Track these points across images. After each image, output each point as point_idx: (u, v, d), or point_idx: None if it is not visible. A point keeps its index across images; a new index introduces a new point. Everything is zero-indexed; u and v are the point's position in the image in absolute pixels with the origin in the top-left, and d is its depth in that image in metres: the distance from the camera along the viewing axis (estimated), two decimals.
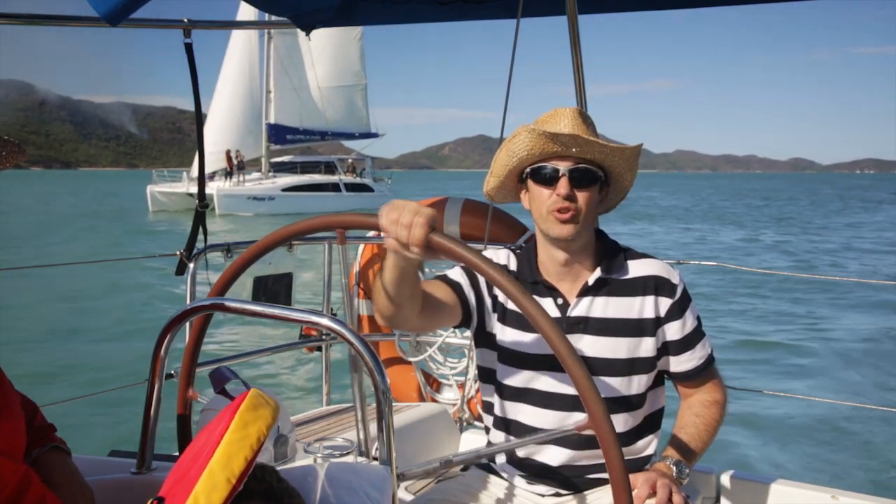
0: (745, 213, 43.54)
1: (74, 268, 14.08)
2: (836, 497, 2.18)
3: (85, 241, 23.86)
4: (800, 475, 2.56)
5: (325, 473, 1.36)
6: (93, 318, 12.22)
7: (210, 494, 1.04)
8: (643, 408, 1.82)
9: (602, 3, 3.29)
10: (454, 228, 3.42)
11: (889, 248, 23.50)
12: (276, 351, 3.36)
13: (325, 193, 37.81)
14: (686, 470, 1.72)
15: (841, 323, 11.31)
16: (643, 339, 1.78)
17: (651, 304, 1.78)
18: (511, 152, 1.76)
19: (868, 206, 52.82)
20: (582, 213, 1.72)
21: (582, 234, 1.76)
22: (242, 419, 1.12)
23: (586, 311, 1.78)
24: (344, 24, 3.42)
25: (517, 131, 1.74)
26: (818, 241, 25.78)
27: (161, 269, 15.99)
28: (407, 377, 3.62)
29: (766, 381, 8.03)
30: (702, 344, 1.82)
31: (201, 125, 3.31)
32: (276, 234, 1.50)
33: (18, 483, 1.28)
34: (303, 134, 42.66)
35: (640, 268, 1.82)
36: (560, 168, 1.71)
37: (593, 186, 1.74)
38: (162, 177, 41.05)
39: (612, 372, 1.76)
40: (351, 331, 1.33)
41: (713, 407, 1.82)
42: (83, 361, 9.24)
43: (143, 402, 1.60)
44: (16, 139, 1.41)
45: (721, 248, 23.15)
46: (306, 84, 42.75)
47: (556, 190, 1.71)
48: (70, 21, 2.78)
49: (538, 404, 1.80)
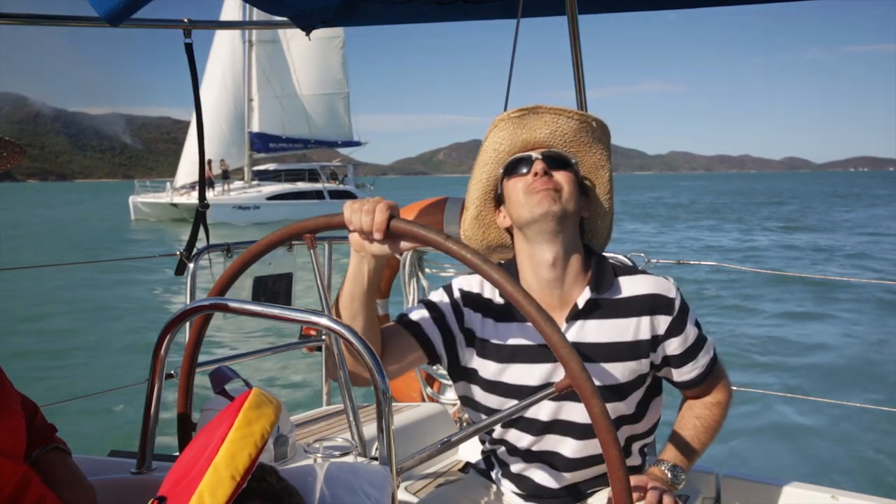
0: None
1: (73, 269, 14.08)
2: (836, 497, 2.18)
3: (59, 251, 23.44)
4: (800, 475, 2.56)
5: (324, 473, 1.36)
6: (93, 317, 12.23)
7: (215, 491, 1.04)
8: (640, 421, 1.76)
9: (602, 3, 3.29)
10: (454, 228, 3.42)
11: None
12: (276, 351, 3.36)
13: (310, 201, 37.78)
14: (682, 475, 1.70)
15: (841, 323, 11.30)
16: (640, 360, 1.69)
17: (647, 324, 1.68)
18: (485, 159, 1.75)
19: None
20: (564, 190, 1.65)
21: (568, 218, 1.66)
22: (246, 417, 1.12)
23: (577, 337, 1.66)
24: (344, 24, 3.42)
25: (486, 135, 1.74)
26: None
27: (155, 269, 16.01)
28: (407, 377, 3.62)
29: (765, 381, 8.04)
30: (704, 351, 1.74)
31: (201, 125, 3.32)
32: (277, 234, 1.51)
33: (18, 483, 1.28)
34: (286, 142, 42.81)
35: (633, 286, 1.70)
36: (532, 154, 1.69)
37: (570, 170, 1.68)
38: (144, 187, 41.20)
39: (609, 396, 1.65)
40: (351, 331, 1.33)
41: (715, 408, 1.79)
42: (83, 361, 9.25)
43: (143, 402, 1.60)
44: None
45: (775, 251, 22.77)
46: (289, 92, 42.91)
47: (532, 170, 1.66)
48: (70, 21, 2.78)
49: (530, 431, 1.73)
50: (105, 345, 10.34)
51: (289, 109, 42.87)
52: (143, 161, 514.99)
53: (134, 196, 38.45)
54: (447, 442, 1.55)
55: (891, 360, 9.12)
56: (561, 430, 1.70)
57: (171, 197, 37.33)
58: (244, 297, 2.98)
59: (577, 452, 1.70)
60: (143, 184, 42.50)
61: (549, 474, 1.76)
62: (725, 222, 35.47)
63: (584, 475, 1.75)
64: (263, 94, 42.55)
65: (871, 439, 6.28)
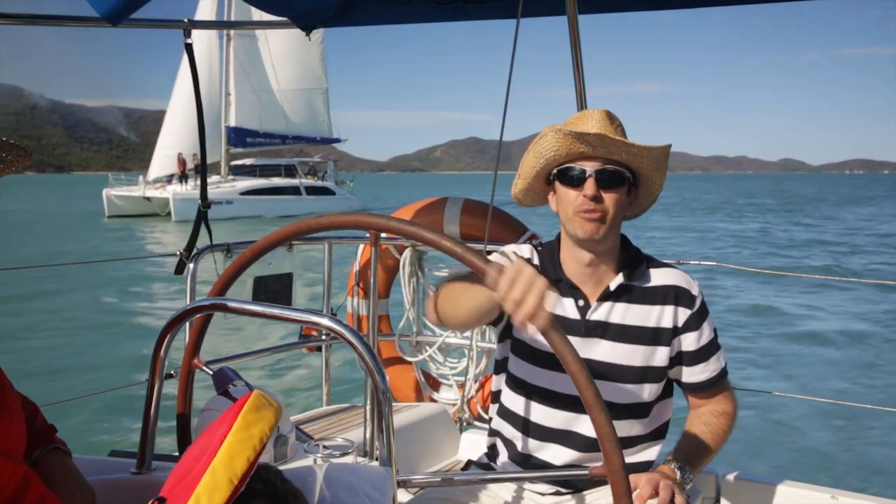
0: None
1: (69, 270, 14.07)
2: (835, 497, 2.18)
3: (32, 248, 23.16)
4: (800, 475, 2.56)
5: (324, 474, 1.36)
6: (91, 319, 12.22)
7: (212, 494, 1.04)
8: (650, 416, 1.81)
9: (602, 3, 3.29)
10: (454, 228, 3.42)
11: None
12: (276, 351, 3.36)
13: (284, 197, 37.43)
14: (690, 475, 1.71)
15: (842, 323, 11.30)
16: (658, 348, 1.77)
17: (670, 313, 1.78)
18: (538, 153, 1.74)
19: None
20: (609, 214, 1.71)
21: (608, 237, 1.74)
22: (245, 420, 1.12)
23: (606, 316, 1.77)
24: (344, 24, 3.42)
25: (544, 132, 1.73)
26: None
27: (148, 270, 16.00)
28: (407, 377, 3.62)
29: (766, 382, 8.04)
30: (716, 357, 1.81)
31: (202, 125, 3.32)
32: (277, 234, 1.50)
33: (18, 484, 1.28)
34: (263, 137, 42.35)
35: (661, 277, 1.81)
36: (587, 169, 1.70)
37: (621, 188, 1.72)
38: (119, 180, 40.79)
39: (625, 379, 1.76)
40: (351, 330, 1.32)
41: (722, 417, 1.82)
42: (83, 362, 9.24)
43: (143, 402, 1.60)
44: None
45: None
46: (266, 86, 42.49)
47: (583, 191, 1.69)
48: (70, 21, 2.78)
49: (545, 402, 1.80)
50: (104, 345, 10.34)
51: (267, 104, 42.47)
52: (139, 154, 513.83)
53: (108, 189, 37.77)
54: (449, 479, 1.57)
55: (891, 360, 9.12)
56: (572, 406, 1.77)
57: (144, 191, 36.90)
58: (244, 297, 2.98)
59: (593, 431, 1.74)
60: (118, 177, 41.94)
61: (556, 453, 1.80)
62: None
63: (599, 456, 1.75)
64: (241, 89, 42.06)
65: (871, 439, 6.29)
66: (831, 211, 44.91)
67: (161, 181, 38.45)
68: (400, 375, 3.61)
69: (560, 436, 1.79)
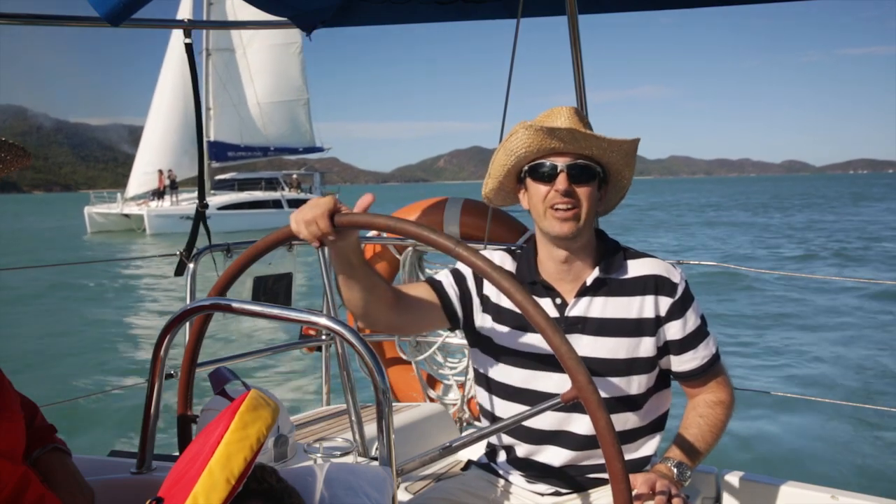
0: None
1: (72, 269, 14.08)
2: (835, 497, 2.18)
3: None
4: (800, 475, 2.56)
5: (324, 474, 1.36)
6: (91, 318, 12.22)
7: (209, 494, 1.04)
8: (644, 408, 1.80)
9: (602, 3, 3.29)
10: (454, 228, 3.42)
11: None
12: (276, 351, 3.36)
13: (264, 210, 36.89)
14: (688, 472, 1.70)
15: (842, 322, 11.30)
16: (642, 339, 1.76)
17: (651, 303, 1.76)
18: (509, 151, 1.75)
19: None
20: (582, 209, 1.71)
21: (583, 233, 1.74)
22: (242, 420, 1.12)
23: (584, 312, 1.77)
24: (344, 24, 3.42)
25: (514, 129, 1.73)
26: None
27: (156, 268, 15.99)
28: (407, 377, 3.62)
29: (765, 382, 8.04)
30: (705, 343, 1.79)
31: (201, 125, 3.32)
32: (277, 235, 1.51)
33: (18, 483, 1.28)
34: (245, 150, 42.08)
35: (639, 267, 1.80)
36: (559, 164, 1.70)
37: (592, 182, 1.73)
38: (100, 198, 40.54)
39: (612, 372, 1.75)
40: (351, 330, 1.32)
41: (718, 407, 1.80)
42: (83, 362, 9.25)
43: (143, 402, 1.60)
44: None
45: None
46: (246, 100, 42.26)
47: (555, 186, 1.70)
48: (70, 21, 2.77)
49: (535, 404, 1.79)
50: (105, 345, 10.34)
51: (247, 118, 42.22)
52: None
53: (89, 207, 37.68)
54: (448, 447, 1.56)
55: (891, 360, 9.11)
56: (565, 406, 1.74)
57: (122, 208, 37.04)
58: (244, 297, 2.98)
59: (591, 430, 1.72)
60: (100, 194, 41.58)
61: (555, 454, 1.79)
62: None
63: (596, 454, 1.75)
64: (220, 103, 41.74)
65: (872, 439, 6.28)
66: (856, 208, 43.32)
67: (145, 197, 38.47)
68: (400, 375, 3.61)
69: (554, 436, 1.78)
